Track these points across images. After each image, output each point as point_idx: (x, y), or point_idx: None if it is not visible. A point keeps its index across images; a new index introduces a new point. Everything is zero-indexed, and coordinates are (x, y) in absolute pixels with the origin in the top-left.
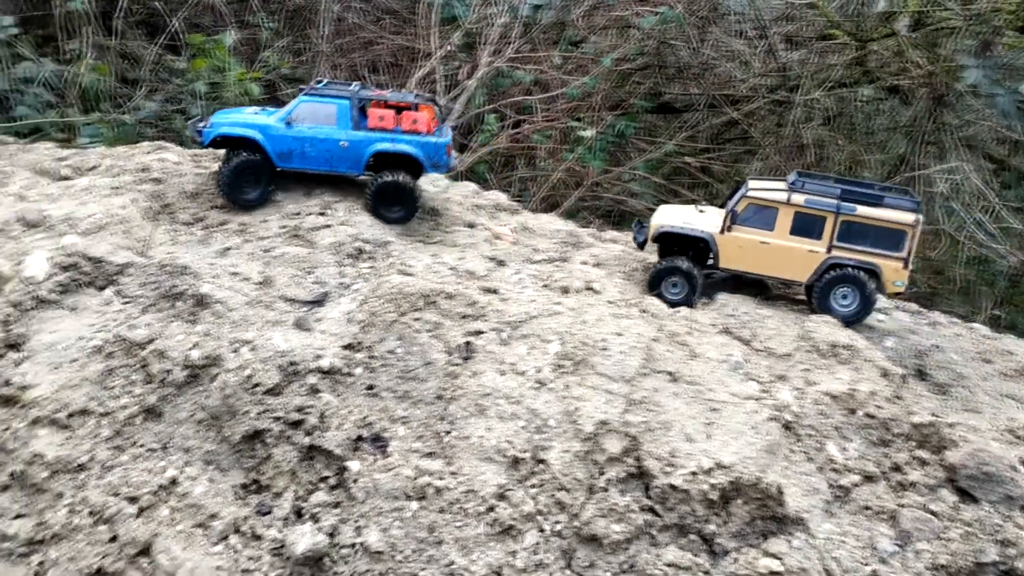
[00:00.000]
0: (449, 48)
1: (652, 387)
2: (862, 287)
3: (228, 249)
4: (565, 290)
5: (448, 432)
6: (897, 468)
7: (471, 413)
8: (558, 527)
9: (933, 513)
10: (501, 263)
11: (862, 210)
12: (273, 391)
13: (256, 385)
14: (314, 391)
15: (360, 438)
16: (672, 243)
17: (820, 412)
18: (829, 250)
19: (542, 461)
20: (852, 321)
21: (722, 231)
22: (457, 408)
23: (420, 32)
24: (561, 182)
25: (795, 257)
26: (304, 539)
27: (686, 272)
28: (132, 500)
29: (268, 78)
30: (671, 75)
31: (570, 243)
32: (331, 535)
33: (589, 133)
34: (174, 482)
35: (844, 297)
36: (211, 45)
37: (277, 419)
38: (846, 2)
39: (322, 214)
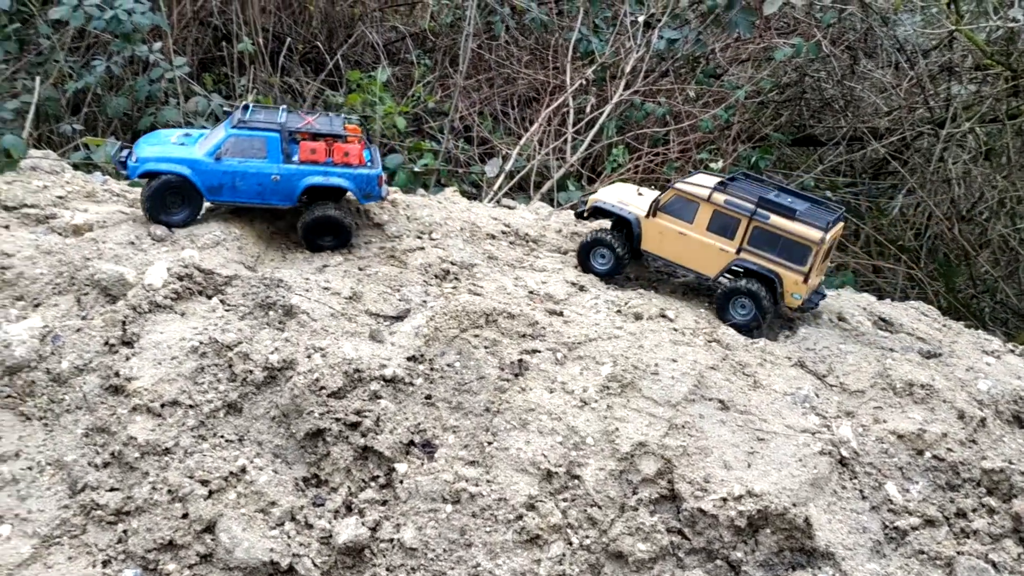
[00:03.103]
0: (582, 82)
1: (698, 413)
2: (757, 300)
3: (326, 266)
4: (638, 316)
5: (490, 443)
6: (962, 514)
7: (514, 426)
8: (587, 541)
9: (993, 564)
10: (582, 288)
11: (774, 219)
12: (336, 394)
13: (322, 388)
14: (375, 397)
15: (412, 443)
16: (607, 219)
17: (883, 451)
18: (738, 252)
19: (576, 477)
20: (747, 329)
21: (647, 215)
22: (501, 420)
23: (559, 66)
24: None
25: (707, 252)
26: (348, 530)
27: (610, 245)
28: (204, 483)
29: (415, 111)
30: (815, 108)
31: (666, 272)
32: (373, 529)
33: (718, 165)
34: (243, 470)
35: (742, 307)
36: (367, 81)
37: (337, 420)
38: (997, 30)
39: (419, 237)
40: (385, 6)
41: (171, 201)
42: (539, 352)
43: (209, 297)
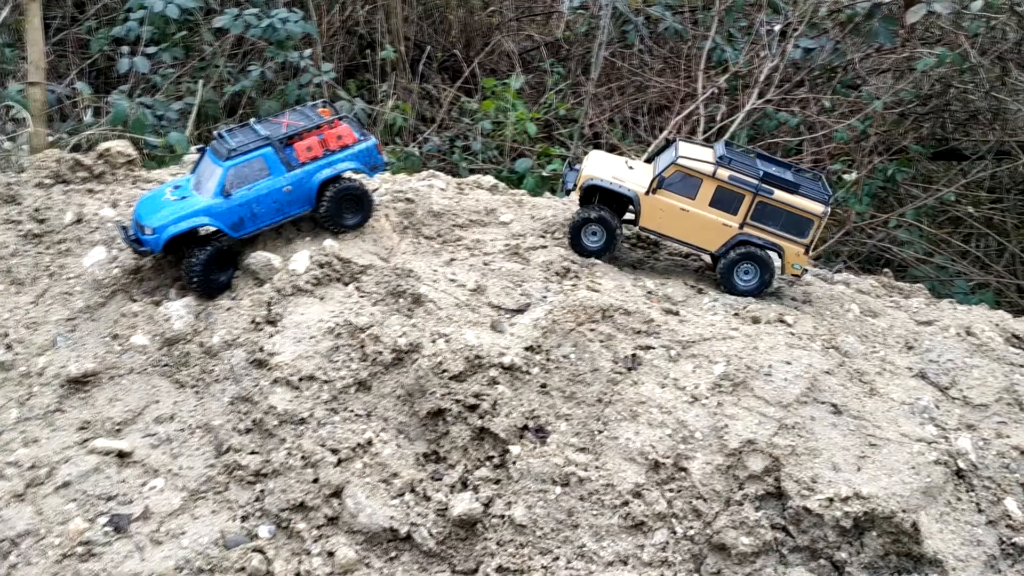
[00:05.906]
0: (714, 90)
1: (809, 415)
2: (762, 263)
3: (453, 260)
4: (756, 320)
5: (600, 431)
6: None
7: (624, 417)
8: (691, 532)
9: None
10: (700, 291)
11: (778, 194)
12: (457, 378)
13: (444, 371)
14: (493, 382)
15: (526, 427)
16: (597, 194)
17: (1004, 466)
18: (742, 226)
19: (683, 469)
20: (752, 293)
21: (647, 192)
22: (612, 411)
23: (691, 75)
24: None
25: (710, 228)
26: (462, 504)
27: (605, 222)
28: (334, 452)
29: (546, 118)
30: (959, 120)
31: (787, 280)
32: (486, 505)
33: (851, 176)
34: (370, 443)
35: (746, 273)
36: (501, 88)
37: (457, 402)
38: None
39: (542, 235)
40: (522, 16)
41: (211, 270)
42: (653, 348)
43: (346, 284)
